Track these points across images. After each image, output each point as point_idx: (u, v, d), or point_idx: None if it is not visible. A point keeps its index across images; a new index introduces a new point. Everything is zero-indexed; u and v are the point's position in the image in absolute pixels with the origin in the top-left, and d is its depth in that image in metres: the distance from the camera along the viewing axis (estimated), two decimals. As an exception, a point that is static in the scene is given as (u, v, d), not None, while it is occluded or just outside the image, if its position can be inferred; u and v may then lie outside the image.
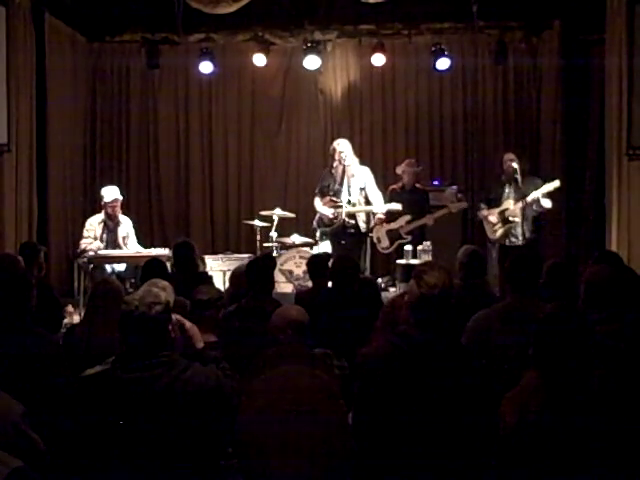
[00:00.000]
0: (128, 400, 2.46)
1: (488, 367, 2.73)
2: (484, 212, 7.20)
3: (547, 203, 6.80)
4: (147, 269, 5.07)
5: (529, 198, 6.76)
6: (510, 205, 6.92)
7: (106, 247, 7.29)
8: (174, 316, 2.71)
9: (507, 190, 6.99)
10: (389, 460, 2.55)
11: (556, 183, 6.75)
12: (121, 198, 7.48)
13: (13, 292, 3.32)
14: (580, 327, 2.54)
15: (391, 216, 7.54)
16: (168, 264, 5.63)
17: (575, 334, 2.51)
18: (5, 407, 2.45)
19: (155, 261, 5.21)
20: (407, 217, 7.52)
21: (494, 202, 7.09)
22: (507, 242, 6.99)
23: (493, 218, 7.07)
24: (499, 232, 7.05)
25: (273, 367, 2.80)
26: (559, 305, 2.74)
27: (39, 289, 3.56)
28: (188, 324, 2.90)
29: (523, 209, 6.83)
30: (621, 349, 3.05)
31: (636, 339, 3.13)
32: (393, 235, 7.63)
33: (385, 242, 7.66)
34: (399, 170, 7.80)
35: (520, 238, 6.91)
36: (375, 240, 7.73)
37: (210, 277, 5.55)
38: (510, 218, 6.91)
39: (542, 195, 6.73)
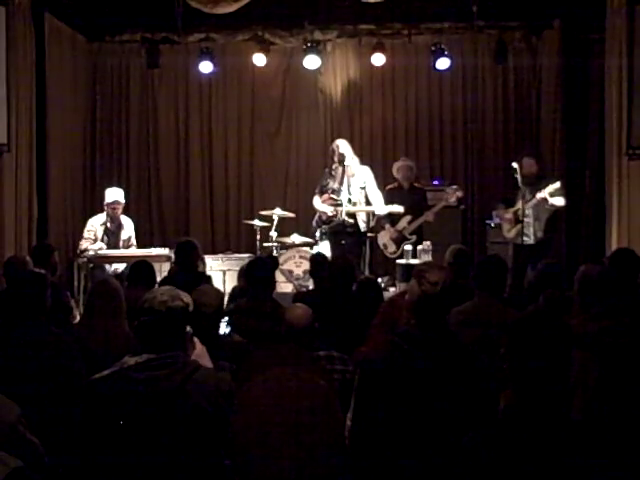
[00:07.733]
0: (138, 399, 2.40)
1: (489, 366, 2.73)
2: (501, 212, 7.30)
3: (558, 201, 6.91)
4: (134, 270, 5.06)
5: (538, 196, 6.84)
6: (522, 205, 6.97)
7: (107, 248, 7.30)
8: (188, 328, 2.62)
9: (521, 190, 7.03)
10: (389, 460, 2.55)
11: (557, 184, 6.83)
12: (123, 201, 7.53)
13: (30, 292, 3.34)
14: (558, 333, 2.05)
15: (393, 218, 7.57)
16: (167, 263, 5.64)
17: (551, 340, 2.02)
18: (1, 409, 2.42)
19: (143, 263, 5.19)
20: (408, 218, 7.56)
21: (511, 202, 7.14)
22: (520, 241, 7.05)
23: (508, 217, 7.16)
24: (512, 231, 7.15)
25: (268, 369, 2.80)
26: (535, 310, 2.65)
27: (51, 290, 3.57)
28: (199, 346, 2.91)
29: (534, 209, 6.92)
30: (617, 345, 3.06)
31: (632, 335, 3.14)
32: (397, 238, 7.64)
33: (392, 247, 7.70)
34: (394, 169, 7.81)
35: (532, 237, 7.02)
36: (382, 247, 7.75)
37: (209, 277, 5.55)
38: (521, 218, 6.96)
39: (549, 194, 6.81)
